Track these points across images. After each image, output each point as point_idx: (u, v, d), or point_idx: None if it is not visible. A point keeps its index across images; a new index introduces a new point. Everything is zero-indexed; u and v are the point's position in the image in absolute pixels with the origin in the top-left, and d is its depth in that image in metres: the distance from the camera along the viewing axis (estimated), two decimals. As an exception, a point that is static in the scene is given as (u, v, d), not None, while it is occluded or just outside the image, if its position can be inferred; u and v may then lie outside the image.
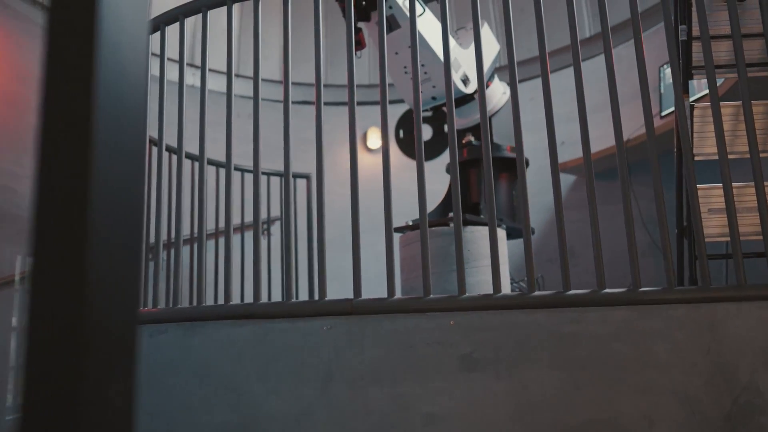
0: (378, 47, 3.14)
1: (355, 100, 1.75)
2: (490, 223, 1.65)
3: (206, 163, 1.84)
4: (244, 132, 4.05)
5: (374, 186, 5.45)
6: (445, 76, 1.73)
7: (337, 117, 5.78)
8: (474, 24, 1.76)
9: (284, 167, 1.74)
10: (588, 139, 1.69)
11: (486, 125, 1.71)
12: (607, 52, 1.69)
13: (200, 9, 1.90)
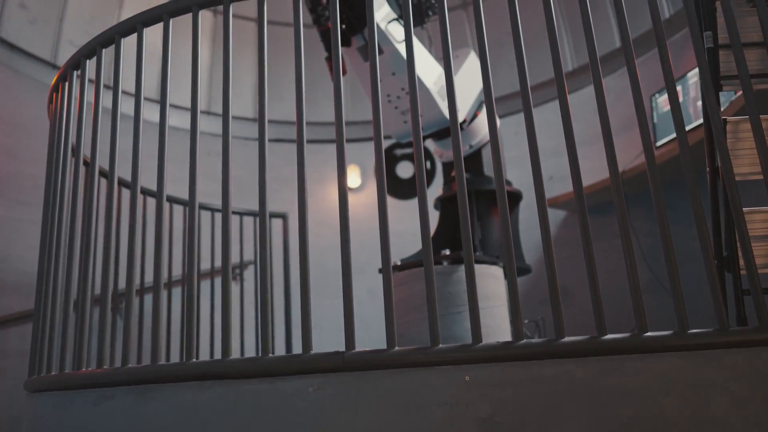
0: (357, 73, 2.97)
1: (344, 134, 1.50)
2: (508, 259, 1.40)
3: (165, 199, 1.56)
4: (217, 171, 3.80)
5: (355, 226, 5.14)
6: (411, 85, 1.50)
7: (313, 155, 5.56)
8: (444, 56, 1.54)
9: (260, 204, 1.47)
10: (578, 170, 1.46)
11: (458, 142, 1.47)
12: (596, 74, 1.49)
13: (161, 17, 1.66)
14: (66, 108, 1.89)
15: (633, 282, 1.38)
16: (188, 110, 1.57)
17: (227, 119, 1.54)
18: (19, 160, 3.72)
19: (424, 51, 2.98)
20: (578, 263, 1.58)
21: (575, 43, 4.96)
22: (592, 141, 4.53)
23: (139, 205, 1.60)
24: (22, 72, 4.19)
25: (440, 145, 3.25)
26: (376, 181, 1.44)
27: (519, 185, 3.72)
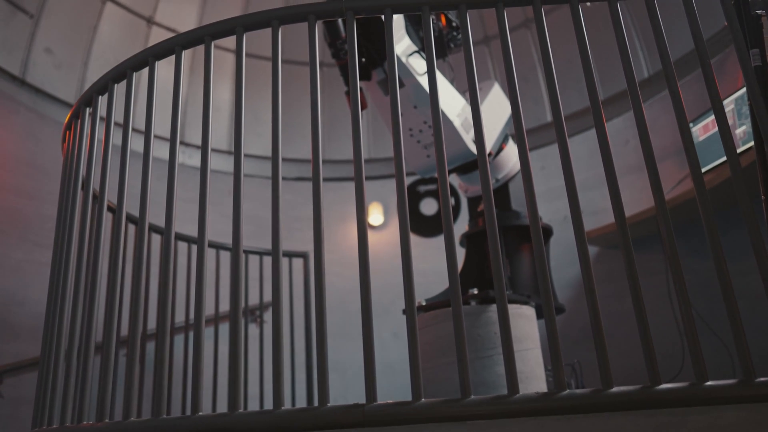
0: (378, 107, 2.90)
1: (363, 170, 1.39)
2: (545, 299, 1.26)
3: (174, 238, 1.47)
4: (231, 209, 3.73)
5: (377, 266, 5.02)
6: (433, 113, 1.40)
7: (334, 193, 5.49)
8: (470, 86, 1.44)
9: (272, 242, 1.36)
10: (620, 202, 1.33)
11: (487, 182, 1.35)
12: (635, 101, 1.37)
13: (173, 49, 1.59)
14: (78, 145, 1.83)
15: (688, 324, 1.23)
16: (218, 152, 1.49)
17: (239, 157, 1.45)
18: (40, 202, 3.71)
19: (447, 83, 2.90)
20: (614, 301, 1.44)
21: (599, 75, 4.87)
22: (621, 174, 4.39)
23: (147, 243, 1.50)
24: (46, 115, 4.23)
25: (465, 179, 3.14)
26: (399, 219, 1.32)
27: (546, 221, 3.57)
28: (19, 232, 3.70)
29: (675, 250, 1.27)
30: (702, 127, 3.39)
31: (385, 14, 1.46)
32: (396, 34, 2.60)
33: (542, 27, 1.42)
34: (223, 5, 5.21)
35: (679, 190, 3.72)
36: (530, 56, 5.24)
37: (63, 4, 4.57)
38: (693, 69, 4.10)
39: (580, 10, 1.47)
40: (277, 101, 1.47)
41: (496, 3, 1.44)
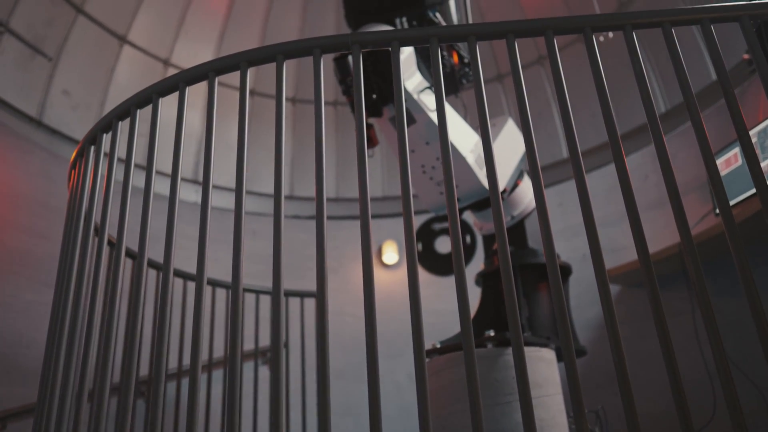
0: (390, 144, 2.85)
1: (369, 211, 1.33)
2: (565, 343, 1.17)
3: (173, 275, 1.40)
4: (257, 250, 3.69)
5: (390, 306, 4.93)
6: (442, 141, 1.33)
7: (349, 231, 5.43)
8: (481, 120, 1.38)
9: (273, 282, 1.29)
10: (644, 238, 1.25)
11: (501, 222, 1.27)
12: (656, 134, 1.30)
13: (177, 85, 1.56)
14: (81, 184, 1.79)
15: (724, 372, 1.12)
16: (231, 190, 1.44)
17: (240, 195, 1.39)
18: (52, 243, 3.69)
19: (459, 119, 2.86)
20: (638, 342, 1.34)
21: (615, 110, 4.81)
22: (642, 210, 4.28)
23: (145, 280, 1.44)
24: (61, 155, 4.26)
25: (480, 217, 3.06)
26: (407, 259, 1.25)
27: (565, 259, 3.46)
28: (30, 272, 3.68)
29: (704, 285, 1.17)
30: (724, 162, 3.29)
31: (393, 47, 1.42)
32: (407, 71, 2.57)
33: (554, 55, 1.36)
34: (240, 46, 5.29)
35: (702, 227, 3.61)
36: (544, 92, 5.21)
37: (82, 47, 4.67)
38: (712, 102, 4.02)
39: (595, 42, 1.41)
40: (280, 137, 1.42)
41: (506, 34, 1.40)
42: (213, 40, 5.45)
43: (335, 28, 5.65)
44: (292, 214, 5.27)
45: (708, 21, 1.34)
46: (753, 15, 1.34)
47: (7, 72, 4.14)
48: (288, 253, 1.42)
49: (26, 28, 4.25)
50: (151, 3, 5.06)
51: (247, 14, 5.53)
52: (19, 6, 4.18)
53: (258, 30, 5.60)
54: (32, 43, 4.28)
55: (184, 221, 2.14)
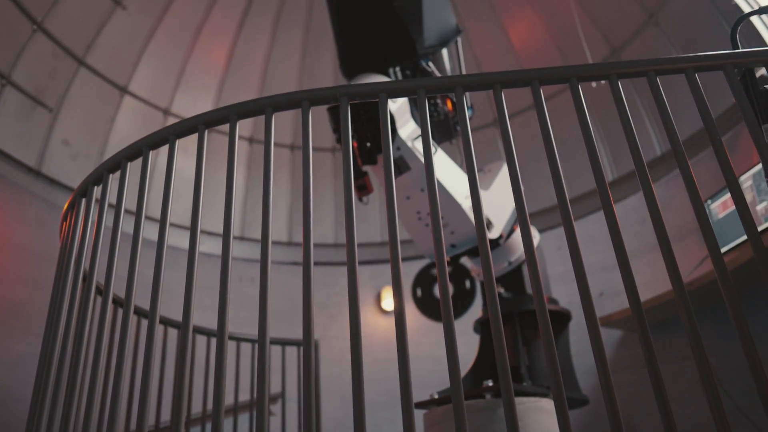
0: (386, 192, 2.85)
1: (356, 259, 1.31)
2: (557, 393, 1.13)
3: (159, 322, 1.37)
4: (247, 296, 3.64)
5: (391, 354, 4.83)
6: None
7: (347, 278, 5.38)
8: (467, 164, 1.39)
9: (259, 331, 1.26)
10: (634, 284, 1.22)
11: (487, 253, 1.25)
12: (645, 184, 1.29)
13: (167, 138, 1.57)
14: (72, 235, 1.78)
15: (721, 420, 1.08)
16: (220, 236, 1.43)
17: (227, 242, 1.38)
18: (46, 292, 3.65)
19: (454, 166, 2.87)
20: (644, 389, 1.29)
21: (613, 153, 4.83)
22: (642, 253, 4.24)
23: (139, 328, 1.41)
24: (59, 204, 4.27)
25: (477, 262, 3.04)
26: (394, 309, 1.22)
27: (566, 303, 3.41)
28: (23, 323, 3.63)
29: (697, 334, 1.14)
30: (721, 204, 3.28)
31: (380, 99, 1.43)
32: (401, 118, 2.60)
33: (541, 105, 1.36)
34: (239, 95, 5.37)
35: (706, 268, 3.57)
36: (540, 136, 5.25)
37: (82, 98, 4.74)
38: (708, 144, 4.04)
39: (587, 89, 1.42)
40: (268, 187, 1.41)
41: (493, 85, 1.40)
42: (213, 89, 5.54)
43: (333, 76, 5.75)
44: (291, 261, 5.25)
45: (692, 70, 1.34)
46: (736, 63, 1.35)
47: (7, 123, 4.19)
48: (286, 300, 1.41)
49: (28, 80, 4.33)
50: (152, 54, 5.17)
51: (246, 65, 5.64)
52: (21, 58, 4.27)
53: (257, 79, 5.70)
54: (33, 95, 4.35)
55: (180, 268, 2.12)
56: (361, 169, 2.63)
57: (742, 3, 4.11)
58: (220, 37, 5.53)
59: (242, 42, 5.62)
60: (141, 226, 1.54)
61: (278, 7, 5.65)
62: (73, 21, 4.61)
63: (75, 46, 4.65)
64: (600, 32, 4.94)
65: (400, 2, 2.59)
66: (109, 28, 4.87)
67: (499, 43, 5.59)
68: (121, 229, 1.57)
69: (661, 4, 4.56)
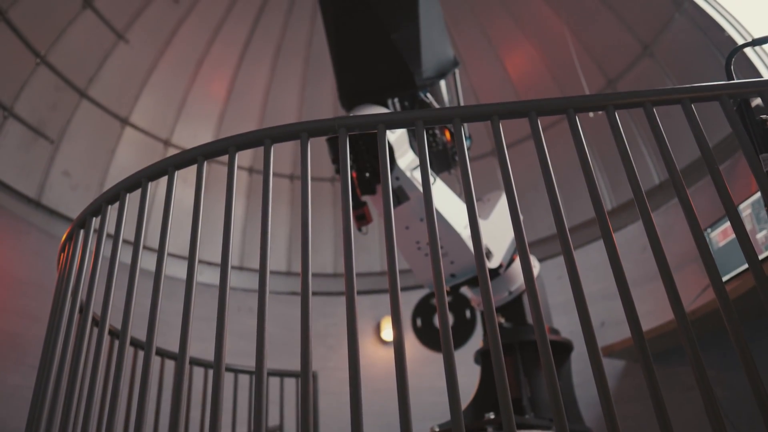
0: (385, 222, 2.85)
1: (355, 289, 1.30)
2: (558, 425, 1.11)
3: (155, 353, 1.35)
4: (245, 327, 3.60)
5: (391, 384, 4.75)
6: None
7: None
8: (465, 191, 1.39)
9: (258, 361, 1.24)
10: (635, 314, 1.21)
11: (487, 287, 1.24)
12: (643, 210, 1.29)
13: (166, 170, 1.57)
14: (69, 266, 1.77)
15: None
16: (219, 266, 1.42)
17: (225, 274, 1.37)
18: (42, 324, 3.62)
19: (453, 196, 2.87)
20: (649, 419, 1.27)
21: (611, 181, 4.85)
22: (643, 282, 4.21)
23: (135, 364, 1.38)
24: (57, 235, 4.27)
25: (477, 292, 3.02)
26: (393, 340, 1.21)
27: (567, 333, 3.38)
28: (17, 355, 3.59)
29: (702, 367, 1.12)
30: (721, 233, 3.28)
31: (379, 130, 1.44)
32: (400, 148, 2.61)
33: (539, 138, 1.37)
34: (238, 130, 5.41)
35: (707, 297, 3.54)
36: (539, 165, 5.27)
37: (84, 129, 4.78)
38: (706, 173, 4.05)
39: (585, 119, 1.43)
40: (266, 216, 1.41)
41: (491, 116, 1.41)
42: (213, 120, 5.59)
43: (332, 107, 5.81)
44: (289, 291, 5.22)
45: (688, 101, 1.35)
46: (732, 94, 1.36)
47: (8, 154, 4.22)
48: (285, 330, 1.39)
49: (30, 112, 4.36)
50: (153, 86, 5.23)
51: (247, 95, 5.70)
52: (24, 91, 4.32)
53: (257, 110, 5.75)
54: (35, 127, 4.38)
55: (177, 299, 2.11)
56: (360, 199, 2.63)
57: (735, 34, 4.18)
58: (221, 68, 5.60)
59: (243, 73, 5.69)
60: (139, 257, 1.53)
61: (279, 40, 5.74)
62: (76, 54, 4.67)
63: (77, 79, 4.70)
64: (595, 63, 5.00)
65: (398, 35, 2.63)
66: (112, 61, 4.94)
67: (496, 74, 5.66)
68: (119, 259, 1.56)
69: (656, 35, 4.63)
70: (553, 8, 5.13)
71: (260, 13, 5.60)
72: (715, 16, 4.26)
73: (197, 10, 5.33)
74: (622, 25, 4.80)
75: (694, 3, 4.36)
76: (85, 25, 4.68)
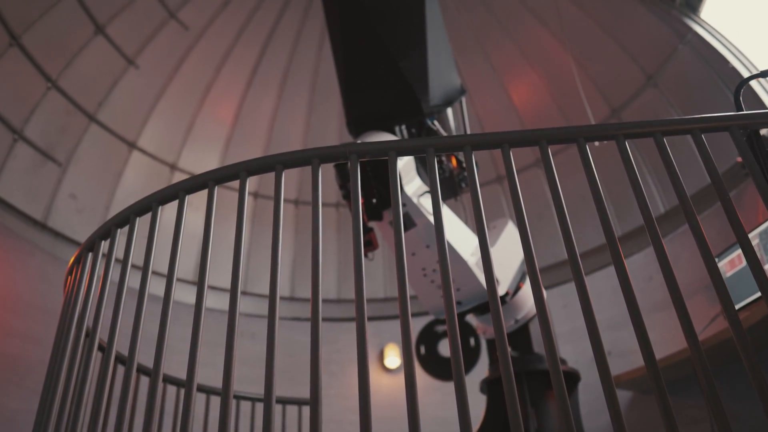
0: (391, 247, 2.85)
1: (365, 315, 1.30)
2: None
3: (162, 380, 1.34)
4: (249, 353, 3.57)
5: (394, 414, 4.73)
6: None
7: (351, 334, 5.28)
8: (476, 217, 1.39)
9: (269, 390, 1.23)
10: (649, 343, 1.20)
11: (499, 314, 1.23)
12: (655, 240, 1.28)
13: (177, 194, 1.58)
14: (76, 289, 1.76)
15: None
16: (226, 291, 1.41)
17: (235, 301, 1.36)
18: (45, 348, 3.59)
19: (460, 223, 2.87)
20: None
21: (617, 209, 4.84)
22: (651, 311, 4.18)
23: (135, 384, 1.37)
24: (62, 258, 4.27)
25: (483, 320, 3.00)
26: (404, 371, 1.20)
27: (573, 363, 3.34)
28: (18, 379, 3.56)
29: (718, 399, 1.11)
30: (728, 263, 3.26)
31: (390, 157, 1.44)
32: (407, 175, 2.62)
33: (550, 167, 1.37)
34: (245, 155, 5.45)
35: (715, 329, 3.51)
36: (543, 193, 5.29)
37: (92, 153, 4.81)
38: (712, 203, 4.05)
39: (588, 148, 1.43)
40: (277, 243, 1.41)
41: (501, 144, 1.42)
42: (219, 145, 5.62)
43: (338, 133, 5.85)
44: (292, 316, 5.19)
45: (698, 131, 1.36)
46: (742, 125, 1.37)
47: (16, 177, 4.24)
48: (286, 357, 1.37)
49: (40, 136, 4.40)
50: (162, 111, 5.28)
51: (253, 121, 5.75)
52: (34, 114, 4.36)
53: (263, 135, 5.79)
54: (44, 150, 4.41)
55: (181, 323, 2.09)
56: (366, 225, 2.63)
57: (739, 66, 4.22)
58: (229, 94, 5.66)
59: (250, 99, 5.74)
60: (148, 281, 1.52)
61: (286, 66, 5.81)
62: (87, 79, 4.73)
63: (87, 103, 4.75)
64: (600, 92, 5.05)
65: (406, 63, 2.66)
66: (122, 86, 5.00)
67: (501, 102, 5.70)
68: (126, 284, 1.56)
69: (659, 66, 4.68)
70: (557, 39, 5.20)
71: (269, 40, 5.68)
72: (718, 48, 4.31)
73: (207, 37, 5.41)
74: (626, 55, 4.85)
75: (697, 34, 4.41)
76: (96, 51, 4.75)
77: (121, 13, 4.82)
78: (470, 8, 5.57)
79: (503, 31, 5.53)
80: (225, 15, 5.45)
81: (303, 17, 5.71)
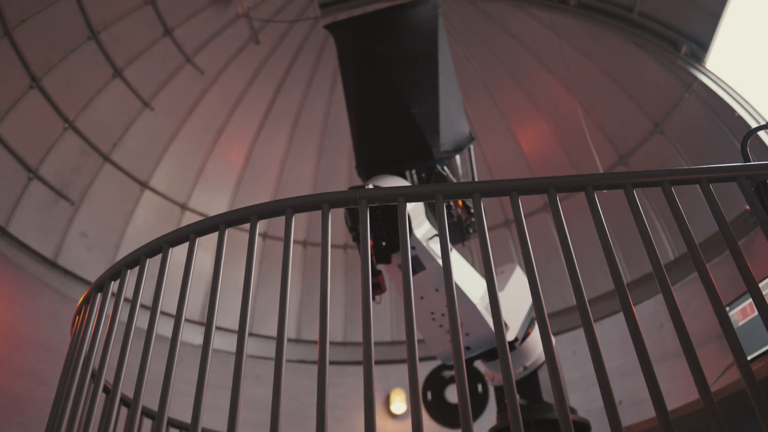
0: (400, 290, 2.84)
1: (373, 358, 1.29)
2: None
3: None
4: (254, 396, 3.52)
5: (401, 460, 4.58)
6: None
7: (356, 377, 5.20)
8: (485, 261, 1.39)
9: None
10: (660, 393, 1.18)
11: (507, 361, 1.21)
12: (664, 287, 1.28)
13: (188, 236, 1.59)
14: (84, 330, 1.76)
15: None
16: (231, 332, 1.41)
17: (242, 343, 1.36)
18: (49, 387, 3.57)
19: (468, 267, 2.86)
20: None
21: (625, 256, 4.82)
22: (662, 359, 4.11)
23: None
24: (71, 296, 4.28)
25: (491, 366, 2.95)
26: (412, 419, 1.18)
27: (583, 412, 3.27)
28: (22, 419, 3.52)
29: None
30: (740, 312, 3.22)
31: (399, 203, 1.46)
32: (416, 219, 2.63)
33: (559, 216, 1.38)
34: (254, 196, 5.50)
35: (728, 379, 3.43)
36: (551, 238, 5.28)
37: (104, 192, 4.88)
38: (722, 250, 4.03)
39: (596, 196, 1.44)
40: (285, 286, 1.42)
41: (510, 192, 1.43)
42: (230, 186, 5.69)
43: (347, 176, 5.91)
44: (298, 359, 5.13)
45: (706, 181, 1.37)
46: (749, 176, 1.38)
47: (30, 215, 4.30)
48: (290, 400, 1.36)
49: (54, 174, 4.48)
50: (174, 152, 5.37)
51: (264, 164, 5.83)
52: (50, 154, 4.45)
53: (273, 178, 5.86)
54: (58, 189, 4.48)
55: (185, 364, 2.07)
56: (375, 268, 2.63)
57: (745, 115, 4.26)
58: (241, 137, 5.76)
59: (261, 142, 5.84)
60: (156, 322, 1.53)
61: (297, 111, 5.92)
62: (103, 120, 4.84)
63: (102, 143, 4.85)
64: (607, 139, 5.09)
65: (419, 110, 2.70)
66: (136, 127, 5.10)
67: (509, 147, 5.76)
68: (135, 325, 1.56)
69: (666, 114, 4.73)
70: (564, 86, 5.28)
71: (281, 85, 5.81)
72: (724, 97, 4.37)
73: (221, 81, 5.55)
74: (633, 103, 4.92)
75: (703, 84, 4.48)
76: (113, 93, 4.88)
77: (139, 56, 4.96)
78: (479, 56, 5.69)
79: (511, 77, 5.63)
80: (240, 60, 5.59)
81: (315, 62, 5.86)
